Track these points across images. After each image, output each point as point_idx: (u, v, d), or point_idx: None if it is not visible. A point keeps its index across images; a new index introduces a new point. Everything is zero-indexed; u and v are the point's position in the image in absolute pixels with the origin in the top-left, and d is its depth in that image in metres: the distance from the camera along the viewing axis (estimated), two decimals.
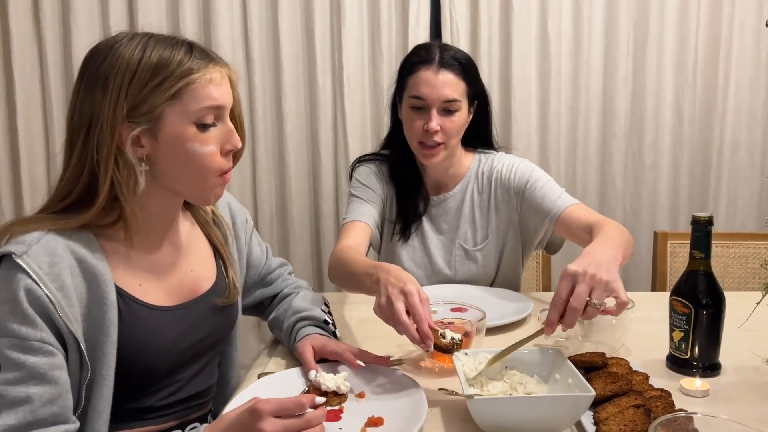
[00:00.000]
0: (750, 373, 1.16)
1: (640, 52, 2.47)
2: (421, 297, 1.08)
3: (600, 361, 1.10)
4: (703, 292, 1.13)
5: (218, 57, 1.03)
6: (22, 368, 0.86)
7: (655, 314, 1.29)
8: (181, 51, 0.97)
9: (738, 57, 2.45)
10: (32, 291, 0.88)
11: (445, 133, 1.54)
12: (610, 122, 2.52)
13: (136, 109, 0.94)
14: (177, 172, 1.00)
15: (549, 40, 2.43)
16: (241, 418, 0.84)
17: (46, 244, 0.92)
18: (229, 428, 0.85)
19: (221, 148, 1.02)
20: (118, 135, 0.94)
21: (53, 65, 2.38)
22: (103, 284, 0.96)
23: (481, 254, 1.68)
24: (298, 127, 2.49)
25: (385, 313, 1.09)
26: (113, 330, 0.97)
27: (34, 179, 2.46)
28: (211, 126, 0.99)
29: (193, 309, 1.10)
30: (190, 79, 0.96)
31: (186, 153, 0.98)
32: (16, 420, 0.84)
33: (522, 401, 0.94)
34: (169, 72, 0.95)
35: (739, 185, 2.55)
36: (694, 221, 1.14)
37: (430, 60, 1.53)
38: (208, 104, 0.97)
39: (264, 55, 2.44)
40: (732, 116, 2.49)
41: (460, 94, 1.54)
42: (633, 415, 0.92)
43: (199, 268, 1.15)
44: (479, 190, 1.68)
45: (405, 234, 1.70)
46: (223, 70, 1.01)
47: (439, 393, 1.04)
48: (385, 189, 1.71)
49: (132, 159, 0.95)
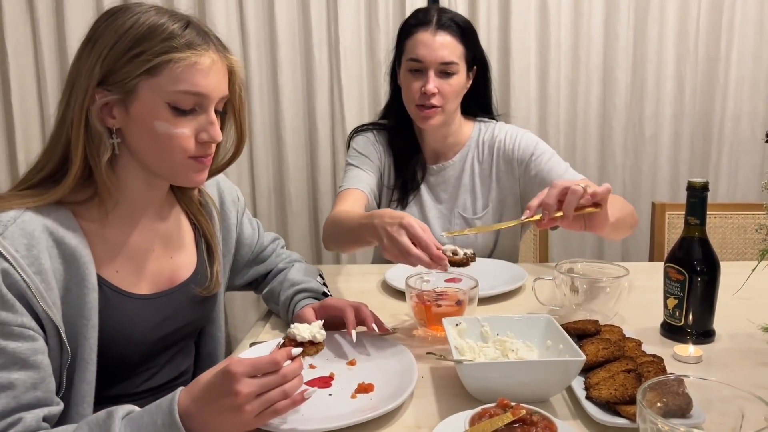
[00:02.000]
0: (744, 339, 1.15)
1: (641, 22, 2.43)
2: (420, 226, 1.10)
3: (593, 329, 1.09)
4: (697, 259, 1.12)
5: (217, 41, 0.97)
6: (3, 354, 0.83)
7: (650, 284, 1.28)
8: (175, 25, 0.92)
9: (741, 26, 2.41)
10: (9, 275, 0.84)
11: (442, 96, 1.53)
12: (610, 94, 2.48)
13: (110, 77, 0.91)
14: (146, 148, 0.96)
15: (548, 10, 2.39)
16: (215, 380, 0.80)
17: (23, 225, 0.88)
18: (204, 391, 0.80)
19: (197, 136, 0.96)
20: (90, 99, 0.91)
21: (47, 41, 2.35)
22: (83, 266, 0.93)
23: (480, 222, 1.67)
24: (295, 102, 2.47)
25: (393, 251, 1.11)
26: (94, 314, 0.94)
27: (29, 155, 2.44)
28: (188, 112, 0.94)
29: (170, 298, 1.08)
30: (169, 57, 0.91)
31: (154, 131, 0.93)
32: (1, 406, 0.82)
33: (511, 366, 0.94)
34: (150, 45, 0.90)
35: (741, 157, 2.52)
36: (689, 187, 1.13)
37: (428, 22, 1.52)
38: (185, 88, 0.92)
39: (259, 28, 2.41)
40: (734, 87, 2.45)
41: (458, 57, 1.53)
42: (624, 380, 0.91)
43: (180, 256, 1.11)
44: (479, 160, 1.67)
45: (403, 202, 1.69)
46: (215, 57, 0.95)
47: (430, 360, 1.04)
48: (383, 157, 1.70)
49: (99, 127, 0.92)
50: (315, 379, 1.02)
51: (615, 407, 0.88)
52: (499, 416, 0.79)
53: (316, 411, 0.93)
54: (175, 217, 1.13)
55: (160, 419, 0.79)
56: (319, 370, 1.05)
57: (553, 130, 2.48)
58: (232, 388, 0.79)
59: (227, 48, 1.00)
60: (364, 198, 1.59)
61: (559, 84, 2.46)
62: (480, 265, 1.56)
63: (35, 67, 2.39)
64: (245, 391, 0.79)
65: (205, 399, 0.80)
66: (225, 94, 0.99)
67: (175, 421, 0.78)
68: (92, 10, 2.35)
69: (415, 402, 0.96)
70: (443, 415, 0.90)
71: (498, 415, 0.79)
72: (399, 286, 1.38)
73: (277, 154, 2.52)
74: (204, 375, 0.83)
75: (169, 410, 0.79)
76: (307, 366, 1.06)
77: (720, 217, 1.95)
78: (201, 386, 0.81)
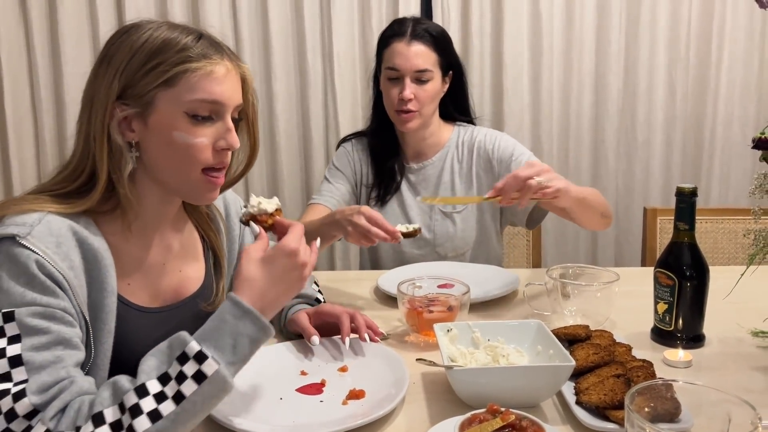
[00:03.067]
0: (733, 343, 1.16)
1: (633, 28, 2.45)
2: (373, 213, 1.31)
3: (584, 334, 1.10)
4: (687, 264, 1.13)
5: (230, 52, 0.99)
6: (48, 333, 0.82)
7: (642, 289, 1.29)
8: (188, 38, 0.93)
9: (731, 31, 2.43)
10: (44, 266, 0.84)
11: (419, 101, 1.62)
12: (602, 99, 2.50)
13: (128, 91, 0.92)
14: (163, 161, 0.96)
15: (541, 16, 2.41)
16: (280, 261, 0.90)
17: (49, 225, 0.88)
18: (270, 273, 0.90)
19: (214, 144, 0.96)
20: (109, 115, 0.92)
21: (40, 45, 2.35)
22: (104, 269, 0.92)
23: (459, 216, 1.72)
24: (289, 107, 2.48)
25: (355, 235, 1.32)
26: (111, 318, 0.93)
27: (23, 161, 2.44)
28: (205, 120, 0.94)
29: (175, 313, 1.06)
30: (186, 67, 0.92)
31: (172, 141, 0.93)
32: (51, 377, 0.80)
33: (501, 371, 0.94)
34: (166, 57, 0.91)
35: (732, 162, 2.54)
36: (678, 192, 1.13)
37: (403, 33, 1.62)
38: (202, 97, 0.93)
39: (253, 33, 2.42)
40: (725, 92, 2.47)
41: (432, 64, 1.62)
42: (613, 385, 0.91)
43: (189, 269, 1.11)
44: (459, 159, 1.74)
45: (382, 200, 1.76)
46: (229, 65, 0.96)
47: (421, 366, 1.04)
48: (356, 166, 1.79)
49: (119, 141, 0.92)
50: (306, 386, 1.02)
51: (604, 412, 0.89)
52: (488, 422, 0.79)
53: (307, 417, 0.93)
54: (187, 231, 1.13)
55: (229, 315, 0.84)
56: (310, 377, 1.05)
57: (546, 135, 2.50)
58: (299, 262, 0.91)
59: (239, 57, 1.01)
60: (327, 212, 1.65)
61: (551, 89, 2.48)
62: (472, 270, 1.58)
63: (29, 74, 2.39)
64: (307, 258, 0.93)
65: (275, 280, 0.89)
66: (240, 103, 0.99)
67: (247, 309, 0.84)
68: (85, 17, 2.36)
69: (406, 408, 0.96)
70: (434, 421, 0.91)
71: (488, 420, 0.80)
72: (391, 291, 1.38)
73: (271, 160, 2.52)
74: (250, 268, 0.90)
75: (235, 303, 0.85)
76: (299, 372, 1.06)
77: (711, 222, 1.96)
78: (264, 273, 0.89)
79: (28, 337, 0.81)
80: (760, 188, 1.00)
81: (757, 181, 1.01)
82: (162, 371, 0.80)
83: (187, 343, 0.81)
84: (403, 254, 1.73)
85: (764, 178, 1.00)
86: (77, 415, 0.78)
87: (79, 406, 0.79)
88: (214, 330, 0.83)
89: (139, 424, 0.76)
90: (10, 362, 0.79)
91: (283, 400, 0.98)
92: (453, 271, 1.50)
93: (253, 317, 0.84)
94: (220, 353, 0.81)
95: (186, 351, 0.80)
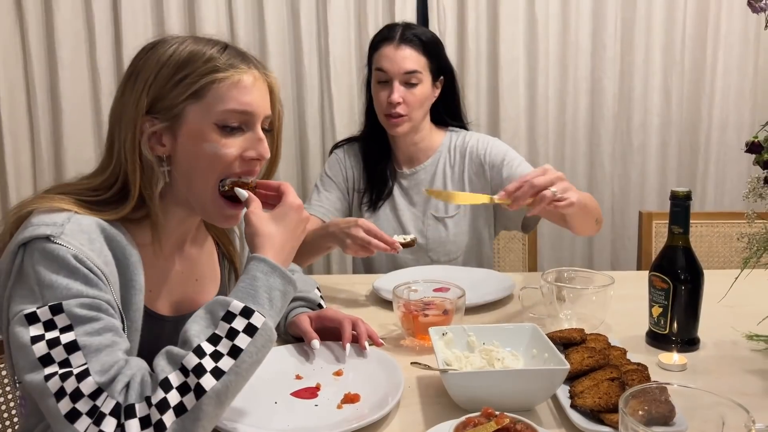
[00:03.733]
0: (728, 347, 1.16)
1: (628, 33, 2.46)
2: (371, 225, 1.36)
3: (579, 337, 1.10)
4: (681, 268, 1.13)
5: (256, 61, 0.98)
6: (99, 321, 0.82)
7: (637, 292, 1.29)
8: (213, 49, 0.93)
9: (726, 37, 2.45)
10: (83, 260, 0.83)
11: (408, 105, 1.63)
12: (598, 104, 2.51)
13: (157, 104, 0.91)
14: (192, 173, 0.95)
15: (537, 21, 2.41)
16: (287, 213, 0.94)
17: (79, 222, 0.87)
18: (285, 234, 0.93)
19: (243, 154, 0.95)
20: (139, 130, 0.91)
21: (36, 49, 2.35)
22: (132, 266, 0.92)
23: (452, 221, 1.73)
24: (285, 111, 2.44)
25: (354, 247, 1.38)
26: (138, 316, 0.93)
27: (19, 166, 2.43)
28: (235, 130, 0.94)
29: None
30: (214, 77, 0.91)
31: (203, 152, 0.93)
32: (110, 358, 0.80)
33: (496, 375, 0.94)
34: (193, 68, 0.91)
35: (727, 166, 2.55)
36: (672, 196, 1.14)
37: (392, 37, 1.64)
38: (232, 107, 0.92)
39: (249, 37, 2.42)
40: (720, 96, 2.48)
41: (421, 67, 1.63)
42: (608, 388, 0.92)
43: (205, 279, 1.11)
44: (451, 164, 1.75)
45: (374, 206, 1.76)
46: (257, 74, 0.96)
47: (417, 369, 1.04)
48: (348, 172, 1.80)
49: (150, 156, 0.92)
50: (301, 390, 1.02)
51: (599, 415, 0.89)
52: (483, 425, 0.79)
53: (302, 421, 0.93)
54: (207, 243, 1.13)
55: (259, 272, 0.87)
56: (305, 381, 1.05)
57: (541, 140, 2.50)
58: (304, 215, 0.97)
59: (266, 66, 1.00)
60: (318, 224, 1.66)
61: (547, 94, 2.48)
62: (467, 274, 1.58)
63: (25, 78, 2.38)
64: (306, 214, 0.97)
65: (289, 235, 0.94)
66: (268, 113, 0.98)
67: (273, 264, 0.88)
68: (82, 22, 2.35)
69: (401, 411, 0.96)
70: (429, 425, 0.91)
71: (482, 424, 0.79)
72: (387, 295, 1.38)
73: None
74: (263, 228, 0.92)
75: (261, 260, 0.88)
76: (294, 376, 1.06)
77: (706, 226, 1.97)
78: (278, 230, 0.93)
79: (80, 325, 0.80)
80: (753, 192, 1.01)
81: (750, 184, 1.01)
82: (209, 333, 0.82)
83: (229, 303, 0.83)
84: (396, 259, 1.73)
85: (758, 181, 1.00)
86: (142, 387, 0.79)
87: (142, 378, 0.80)
88: (249, 288, 0.86)
89: (205, 382, 0.78)
90: (66, 349, 0.79)
91: (278, 404, 0.98)
92: (448, 275, 1.50)
93: (279, 272, 0.88)
94: (260, 307, 0.84)
95: (230, 309, 0.83)
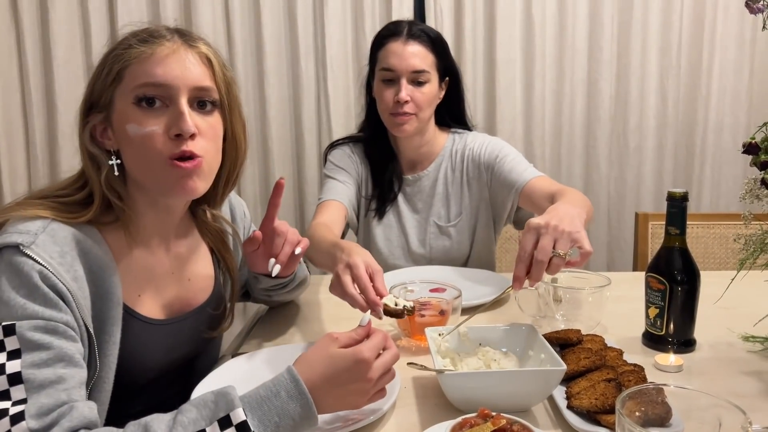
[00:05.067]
0: (724, 348, 1.16)
1: (625, 35, 2.46)
2: (369, 269, 1.10)
3: (575, 338, 1.10)
4: (678, 269, 1.13)
5: (184, 32, 0.96)
6: (49, 349, 0.79)
7: (633, 293, 1.29)
8: (133, 35, 0.94)
9: (722, 39, 2.45)
10: (48, 277, 0.82)
11: (415, 104, 1.57)
12: (594, 106, 2.51)
13: (97, 101, 0.94)
14: (130, 159, 0.94)
15: (533, 22, 2.42)
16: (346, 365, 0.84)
17: (53, 233, 0.86)
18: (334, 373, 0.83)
19: (168, 131, 0.91)
20: (88, 128, 0.94)
21: (31, 48, 2.34)
22: (109, 278, 0.91)
23: (454, 230, 1.70)
24: (281, 111, 2.47)
25: (336, 289, 1.12)
26: (117, 330, 0.92)
27: (13, 166, 2.42)
28: (153, 106, 0.91)
29: (185, 324, 1.06)
30: (126, 56, 0.91)
31: (127, 135, 0.92)
32: (51, 400, 0.76)
33: (492, 376, 0.94)
34: (113, 55, 0.93)
35: (723, 168, 2.55)
36: (669, 197, 1.14)
37: (399, 33, 1.57)
38: (144, 80, 0.90)
39: (246, 37, 2.41)
40: (716, 99, 2.49)
41: (429, 66, 1.57)
42: (604, 389, 0.91)
43: (197, 278, 1.10)
44: (452, 168, 1.71)
45: (380, 212, 1.72)
46: (176, 46, 0.92)
47: (412, 370, 1.04)
48: (359, 169, 1.73)
49: (94, 150, 0.94)
50: None
51: (596, 416, 0.88)
52: (479, 426, 0.79)
53: None
54: (195, 240, 1.11)
55: (284, 391, 0.80)
56: None
57: (538, 142, 2.50)
58: (366, 376, 0.84)
59: (200, 39, 0.97)
60: (342, 209, 1.60)
61: (544, 95, 2.48)
62: (463, 274, 1.58)
63: (20, 78, 2.38)
64: (376, 376, 0.85)
65: (335, 380, 0.83)
66: (197, 84, 0.93)
67: (303, 391, 0.80)
68: (77, 21, 2.35)
69: (397, 412, 0.96)
70: (425, 425, 0.90)
71: (479, 425, 0.79)
72: None
73: (263, 164, 2.52)
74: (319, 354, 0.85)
75: (294, 381, 0.81)
76: None
77: (702, 227, 1.97)
78: (328, 367, 0.83)
79: (28, 353, 0.78)
80: (750, 193, 1.01)
81: (747, 185, 1.01)
82: (200, 428, 0.76)
83: (233, 408, 0.77)
84: (397, 268, 1.70)
85: (755, 183, 1.00)
86: None
87: None
88: (264, 401, 0.80)
89: None
90: (9, 380, 0.76)
91: None
92: (445, 275, 1.50)
93: (304, 402, 0.80)
94: (263, 428, 0.78)
95: (231, 416, 0.76)
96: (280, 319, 1.36)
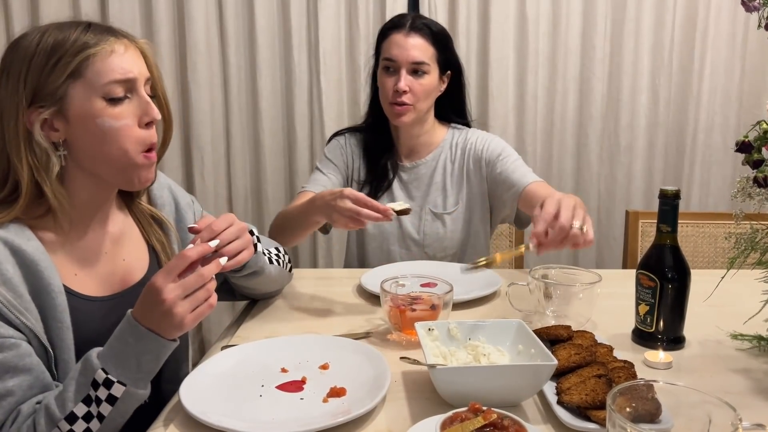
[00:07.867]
0: (713, 346, 1.17)
1: (617, 34, 2.47)
2: (359, 194, 1.25)
3: (565, 334, 1.10)
4: (669, 266, 1.14)
5: (122, 31, 1.01)
6: None
7: (623, 290, 1.29)
8: (78, 30, 0.96)
9: (714, 39, 2.46)
10: None
11: (414, 94, 1.62)
12: (586, 104, 2.52)
13: (39, 93, 0.93)
14: (96, 151, 0.97)
15: (527, 19, 2.42)
16: (145, 295, 0.90)
17: None
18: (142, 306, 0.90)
19: (139, 121, 0.99)
20: (24, 122, 0.93)
21: None
22: (44, 271, 0.94)
23: (449, 218, 1.73)
24: (273, 104, 2.46)
25: (343, 219, 1.26)
26: (66, 316, 0.96)
27: None
28: (122, 99, 0.97)
29: (124, 300, 1.07)
30: (87, 53, 0.94)
31: (99, 130, 0.95)
32: (3, 414, 0.85)
33: (483, 370, 0.93)
34: (64, 50, 0.93)
35: (713, 168, 2.57)
36: (661, 194, 1.14)
37: (402, 25, 1.63)
38: (114, 77, 0.95)
39: (239, 30, 2.40)
40: (707, 99, 2.50)
41: (429, 58, 1.62)
42: (595, 385, 0.91)
43: (132, 258, 1.12)
44: (452, 160, 1.74)
45: (374, 196, 1.73)
46: (126, 42, 0.99)
47: (403, 364, 1.04)
48: (349, 159, 1.77)
49: (44, 143, 0.94)
50: (287, 383, 1.00)
51: (586, 412, 0.89)
52: (470, 420, 0.78)
53: (287, 415, 0.91)
54: (126, 219, 1.14)
55: (131, 337, 0.88)
56: (291, 374, 1.03)
57: (530, 138, 2.51)
58: (159, 298, 0.88)
59: (132, 35, 1.03)
60: None
61: (536, 93, 2.49)
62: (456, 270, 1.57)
63: None
64: (170, 296, 0.88)
65: (145, 312, 0.89)
66: (148, 75, 1.02)
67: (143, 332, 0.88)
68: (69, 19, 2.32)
69: (387, 406, 0.95)
70: (415, 420, 0.90)
71: (469, 419, 0.79)
72: (374, 290, 1.37)
73: (254, 157, 2.50)
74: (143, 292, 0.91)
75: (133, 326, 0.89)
76: (279, 369, 1.05)
77: (692, 226, 1.98)
78: (139, 302, 0.90)
79: None
80: (742, 191, 1.01)
81: (740, 184, 1.01)
82: (84, 395, 0.86)
83: (95, 369, 0.86)
84: (391, 254, 1.72)
85: (747, 181, 1.00)
86: None
87: None
88: (119, 353, 0.88)
89: None
90: None
91: (263, 397, 0.97)
92: (436, 270, 1.49)
93: (152, 337, 0.89)
94: (126, 373, 0.87)
95: (96, 378, 0.86)
96: (269, 312, 1.36)
